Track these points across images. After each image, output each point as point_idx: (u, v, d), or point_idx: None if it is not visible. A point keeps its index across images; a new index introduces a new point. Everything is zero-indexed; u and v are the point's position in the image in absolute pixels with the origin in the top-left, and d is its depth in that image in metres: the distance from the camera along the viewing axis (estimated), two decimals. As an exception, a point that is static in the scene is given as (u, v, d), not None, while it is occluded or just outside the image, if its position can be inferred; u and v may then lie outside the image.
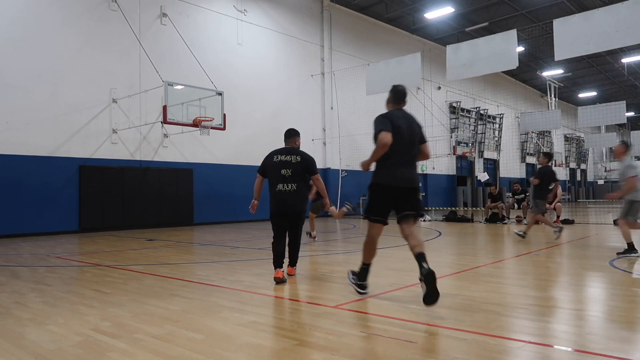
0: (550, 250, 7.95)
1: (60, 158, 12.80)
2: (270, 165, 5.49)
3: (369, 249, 4.54)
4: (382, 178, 4.32)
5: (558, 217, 13.78)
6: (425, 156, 4.56)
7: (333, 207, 6.32)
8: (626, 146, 7.18)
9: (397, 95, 4.53)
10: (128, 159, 14.19)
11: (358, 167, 18.66)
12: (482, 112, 30.49)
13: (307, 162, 5.53)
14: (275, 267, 5.32)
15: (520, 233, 9.50)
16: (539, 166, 9.51)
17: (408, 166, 4.36)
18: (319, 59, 20.68)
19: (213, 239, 10.75)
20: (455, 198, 27.97)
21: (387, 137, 4.10)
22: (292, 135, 5.74)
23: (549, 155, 9.70)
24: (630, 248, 6.87)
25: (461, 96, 28.27)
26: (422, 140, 4.50)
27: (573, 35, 11.88)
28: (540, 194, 9.20)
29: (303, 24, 20.00)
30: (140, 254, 8.29)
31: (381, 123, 4.22)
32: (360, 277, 4.58)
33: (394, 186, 4.28)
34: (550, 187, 9.70)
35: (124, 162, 14.06)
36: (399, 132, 4.22)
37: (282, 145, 5.75)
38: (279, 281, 5.26)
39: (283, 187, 5.39)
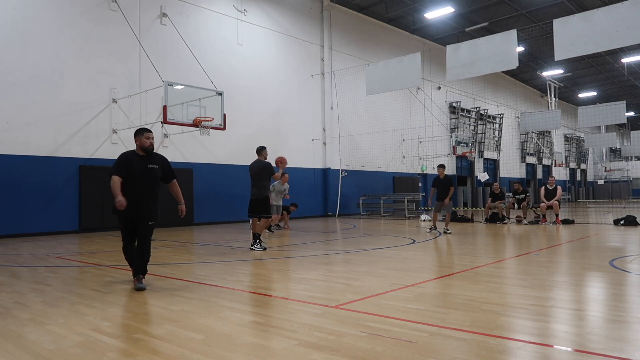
0: (550, 250, 7.96)
1: (60, 158, 12.80)
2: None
3: (254, 227, 8.56)
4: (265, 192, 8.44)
5: (557, 215, 13.84)
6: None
7: None
8: None
9: (257, 150, 8.57)
10: (128, 159, 14.17)
11: (358, 167, 18.64)
12: (482, 112, 30.50)
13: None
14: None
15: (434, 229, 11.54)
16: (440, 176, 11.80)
17: (253, 187, 8.30)
18: (319, 59, 20.68)
19: (213, 239, 10.75)
20: (455, 198, 27.98)
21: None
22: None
23: (443, 166, 12.01)
24: None
25: (461, 96, 28.27)
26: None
27: (573, 35, 11.88)
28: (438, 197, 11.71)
29: (303, 24, 19.99)
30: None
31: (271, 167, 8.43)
32: (256, 239, 8.37)
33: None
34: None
35: (124, 162, 14.04)
36: (251, 172, 8.44)
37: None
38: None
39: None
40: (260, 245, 8.31)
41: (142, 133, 5.35)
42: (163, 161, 5.49)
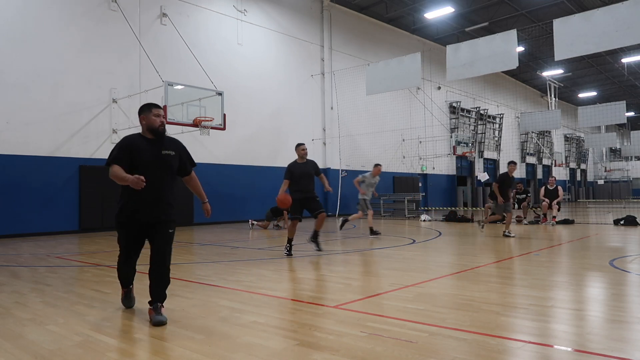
0: (550, 250, 7.95)
1: (60, 158, 12.80)
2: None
3: (291, 231, 7.69)
4: (294, 195, 7.49)
5: (554, 217, 13.88)
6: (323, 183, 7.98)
7: None
8: None
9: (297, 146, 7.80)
10: (128, 159, 14.18)
11: (358, 167, 18.71)
12: (482, 112, 30.48)
13: None
14: None
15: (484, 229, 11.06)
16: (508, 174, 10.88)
17: (306, 188, 7.58)
18: (319, 59, 20.67)
19: (213, 239, 10.75)
20: (455, 198, 27.97)
21: (285, 182, 7.57)
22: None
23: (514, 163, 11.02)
24: None
25: (461, 96, 28.26)
26: (317, 172, 7.80)
27: (573, 35, 11.88)
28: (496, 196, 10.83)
29: (303, 24, 19.99)
30: (140, 254, 8.27)
31: (286, 172, 7.66)
32: (288, 244, 7.66)
33: (301, 197, 7.52)
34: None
35: (124, 162, 14.05)
36: (294, 174, 7.57)
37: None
38: None
39: None
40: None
41: (149, 109, 3.93)
42: (179, 146, 4.10)
